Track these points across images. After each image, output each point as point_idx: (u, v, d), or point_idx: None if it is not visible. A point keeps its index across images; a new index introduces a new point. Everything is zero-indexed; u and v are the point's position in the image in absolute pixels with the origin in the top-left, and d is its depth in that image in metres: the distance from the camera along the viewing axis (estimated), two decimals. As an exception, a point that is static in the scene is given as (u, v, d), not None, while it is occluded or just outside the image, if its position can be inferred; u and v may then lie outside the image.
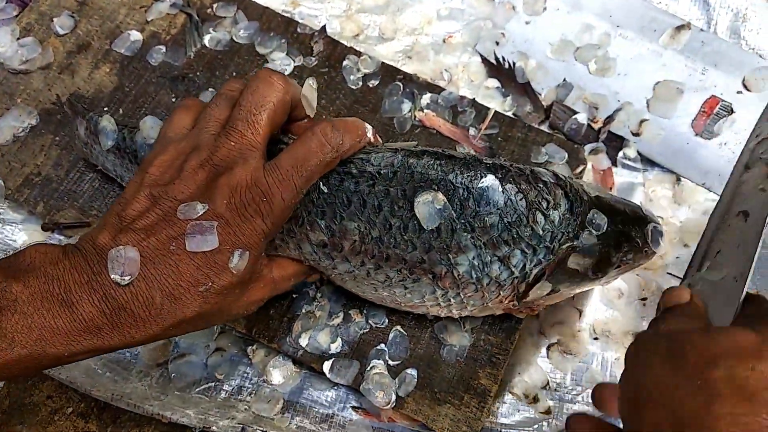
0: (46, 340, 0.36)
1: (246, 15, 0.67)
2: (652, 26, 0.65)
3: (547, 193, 0.46)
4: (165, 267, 0.38)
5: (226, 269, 0.40)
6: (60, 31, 0.66)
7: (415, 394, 0.53)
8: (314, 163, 0.43)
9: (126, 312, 0.37)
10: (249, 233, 0.41)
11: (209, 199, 0.40)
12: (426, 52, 0.68)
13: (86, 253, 0.39)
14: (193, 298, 0.39)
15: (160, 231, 0.39)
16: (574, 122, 0.63)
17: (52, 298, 0.36)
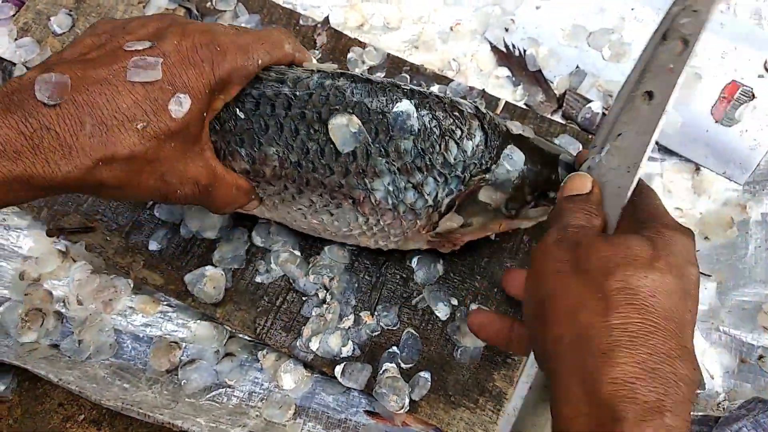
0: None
1: (246, 8, 0.65)
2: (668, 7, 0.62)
3: (462, 122, 0.46)
4: (99, 95, 0.36)
5: (166, 110, 0.38)
6: (58, 30, 0.64)
7: (428, 398, 0.52)
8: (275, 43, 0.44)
9: (50, 133, 0.35)
10: (193, 79, 0.39)
11: (160, 39, 0.39)
12: (433, 41, 0.66)
13: (8, 88, 0.36)
14: (128, 133, 0.37)
15: (100, 63, 0.37)
16: (588, 111, 0.61)
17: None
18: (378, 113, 0.45)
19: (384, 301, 0.54)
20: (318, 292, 0.54)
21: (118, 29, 0.40)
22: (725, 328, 0.52)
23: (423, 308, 0.54)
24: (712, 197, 0.59)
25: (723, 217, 0.58)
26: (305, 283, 0.55)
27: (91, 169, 0.36)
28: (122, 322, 0.55)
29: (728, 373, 0.52)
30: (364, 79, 0.46)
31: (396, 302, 0.54)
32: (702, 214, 0.59)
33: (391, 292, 0.55)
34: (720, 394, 0.50)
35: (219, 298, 0.54)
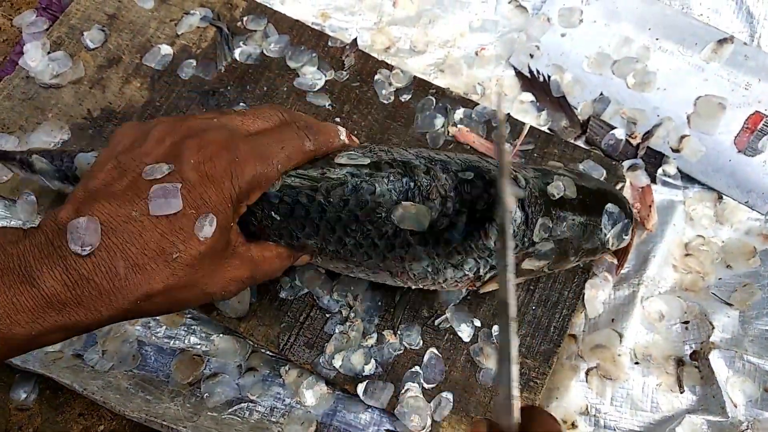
0: (11, 318, 0.35)
1: (276, 28, 0.66)
2: (693, 39, 0.63)
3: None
4: (128, 235, 0.37)
5: (193, 236, 0.38)
6: (90, 45, 0.65)
7: (450, 419, 0.52)
8: (296, 146, 0.43)
9: (89, 284, 0.36)
10: (215, 197, 0.39)
11: (176, 160, 0.39)
12: (458, 65, 0.67)
13: (47, 229, 0.37)
14: (160, 268, 0.37)
15: (123, 197, 0.38)
16: (612, 138, 0.62)
17: (13, 275, 0.35)
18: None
19: (407, 321, 0.55)
20: (341, 310, 0.55)
21: (136, 150, 0.40)
22: (748, 356, 0.52)
23: (446, 329, 0.54)
24: (734, 226, 0.60)
25: (745, 246, 0.58)
26: (329, 301, 0.55)
27: (134, 306, 0.37)
28: (146, 333, 0.56)
29: (751, 402, 0.51)
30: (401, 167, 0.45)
31: (419, 322, 0.54)
32: (724, 242, 0.59)
33: (415, 312, 0.55)
34: (743, 423, 0.50)
35: (243, 312, 0.54)
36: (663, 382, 0.54)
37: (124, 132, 0.42)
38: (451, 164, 0.46)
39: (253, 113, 0.44)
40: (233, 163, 0.40)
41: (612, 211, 0.50)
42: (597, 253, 0.52)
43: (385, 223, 0.44)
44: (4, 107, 0.62)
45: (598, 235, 0.50)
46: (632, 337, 0.55)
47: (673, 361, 0.54)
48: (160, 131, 0.41)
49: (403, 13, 0.70)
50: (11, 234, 0.37)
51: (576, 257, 0.50)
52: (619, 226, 0.51)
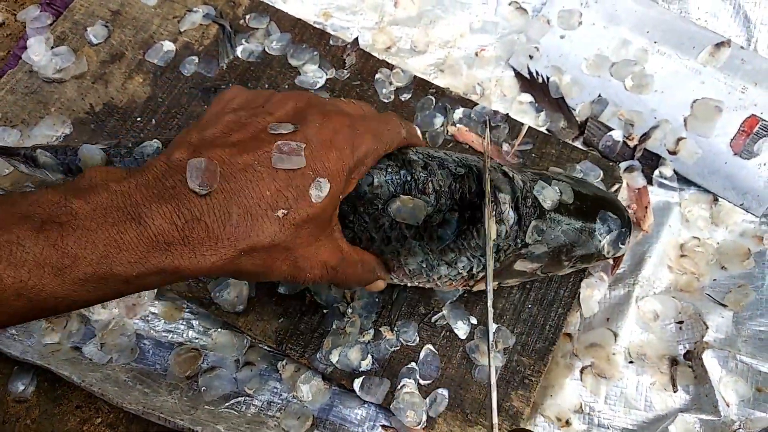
0: (113, 257, 0.33)
1: (278, 27, 0.67)
2: (690, 43, 0.64)
3: (495, 206, 0.46)
4: (246, 182, 0.36)
5: (306, 196, 0.38)
6: (94, 40, 0.66)
7: (446, 415, 0.52)
8: (397, 132, 0.45)
9: (200, 224, 0.35)
10: (334, 163, 0.39)
11: (302, 121, 0.39)
12: (458, 65, 0.68)
13: (157, 169, 0.36)
14: (270, 221, 0.36)
15: (245, 146, 0.37)
16: (609, 139, 0.62)
17: (118, 212, 0.34)
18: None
19: (404, 318, 0.55)
20: (339, 306, 0.55)
21: (258, 108, 0.40)
22: (741, 356, 0.53)
23: (442, 326, 0.55)
24: (729, 228, 0.60)
25: (740, 247, 0.59)
26: (327, 297, 0.55)
27: (235, 259, 0.36)
28: (144, 327, 0.56)
29: (743, 402, 0.52)
30: (399, 160, 0.46)
31: (416, 319, 0.55)
32: (719, 244, 0.60)
33: (412, 308, 0.55)
34: (735, 422, 0.51)
35: (241, 307, 0.54)
36: (657, 381, 0.54)
37: (235, 93, 0.43)
38: (448, 161, 0.47)
39: (356, 104, 0.45)
40: (353, 135, 0.40)
41: (608, 218, 0.50)
42: (591, 260, 0.52)
43: (381, 215, 0.45)
44: (7, 101, 0.63)
45: (593, 242, 0.50)
46: (627, 336, 0.56)
47: (667, 360, 0.55)
48: (281, 96, 0.41)
49: (404, 13, 0.70)
50: (114, 173, 0.36)
51: (570, 262, 0.51)
52: (615, 234, 0.51)
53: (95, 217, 0.33)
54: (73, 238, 0.32)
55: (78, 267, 0.32)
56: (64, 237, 0.32)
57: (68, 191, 0.34)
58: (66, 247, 0.32)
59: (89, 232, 0.33)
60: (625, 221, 0.51)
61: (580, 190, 0.51)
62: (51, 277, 0.32)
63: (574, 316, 0.57)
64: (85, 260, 0.33)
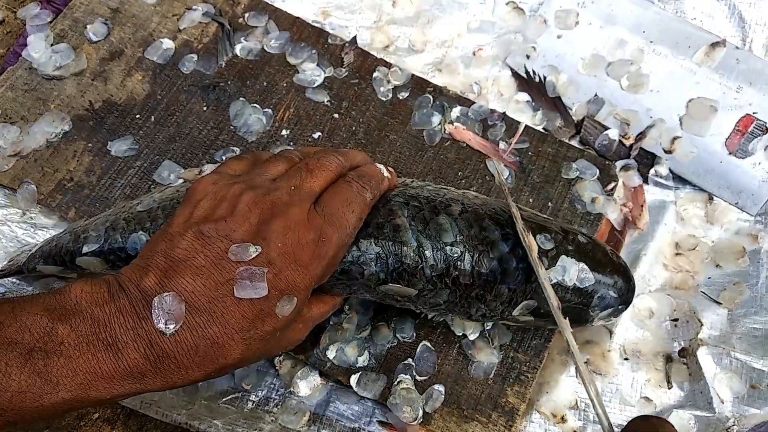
0: (90, 384, 0.36)
1: (277, 25, 0.67)
2: (686, 43, 0.65)
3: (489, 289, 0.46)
4: (210, 315, 0.37)
5: (272, 315, 0.39)
6: (93, 38, 0.66)
7: (442, 411, 0.52)
8: (361, 202, 0.44)
9: (170, 359, 0.37)
10: (300, 279, 0.40)
11: (263, 241, 0.39)
12: (456, 64, 0.68)
13: (131, 296, 0.38)
14: (237, 344, 0.38)
15: (208, 275, 0.38)
16: (605, 138, 0.63)
17: (98, 342, 0.36)
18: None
19: (400, 314, 0.55)
20: (336, 302, 0.56)
21: (221, 221, 0.40)
22: (736, 353, 0.53)
23: (438, 322, 0.55)
24: (724, 227, 0.61)
25: (735, 246, 0.59)
26: (324, 293, 0.56)
27: (203, 376, 0.38)
28: (143, 322, 0.56)
29: (738, 398, 0.52)
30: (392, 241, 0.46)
31: (413, 315, 0.55)
32: (714, 242, 0.60)
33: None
34: (729, 419, 0.51)
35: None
36: (652, 377, 0.55)
37: (203, 191, 0.43)
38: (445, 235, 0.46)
39: (316, 167, 0.44)
40: (318, 244, 0.40)
41: (608, 296, 0.48)
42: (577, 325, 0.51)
43: (374, 290, 0.47)
44: (6, 98, 0.63)
45: (585, 316, 0.49)
46: (622, 333, 0.56)
47: (662, 357, 0.55)
48: (245, 204, 0.40)
49: (402, 12, 0.71)
50: (97, 293, 0.38)
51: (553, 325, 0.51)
52: (610, 311, 0.49)
53: (79, 346, 0.36)
54: (58, 366, 0.35)
55: (57, 393, 0.35)
56: (48, 365, 0.35)
57: (54, 315, 0.36)
58: (49, 375, 0.35)
59: (71, 360, 0.35)
60: (624, 297, 0.49)
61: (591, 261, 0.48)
62: (31, 401, 0.35)
63: (570, 314, 0.57)
64: (65, 387, 0.35)
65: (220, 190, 0.42)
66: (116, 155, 0.61)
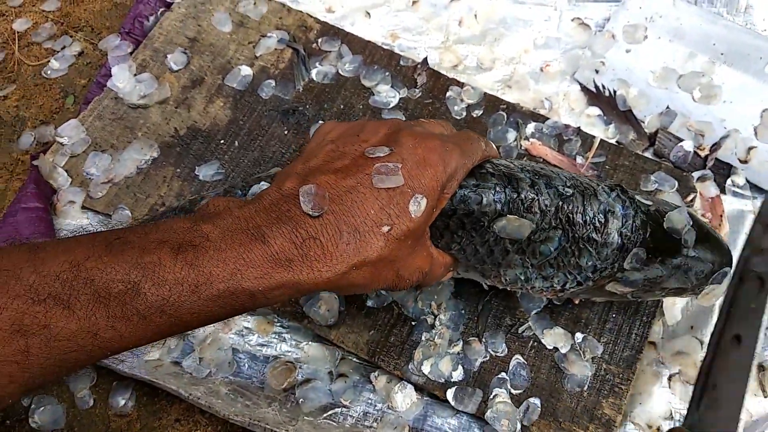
0: (242, 273, 0.36)
1: (350, 49, 0.69)
2: (757, 54, 0.65)
3: (600, 230, 0.47)
4: (351, 203, 0.39)
5: (406, 212, 0.41)
6: (174, 67, 0.68)
7: (539, 423, 0.53)
8: (478, 147, 0.47)
9: (315, 243, 0.38)
10: (429, 180, 0.42)
11: (395, 144, 0.42)
12: (525, 80, 0.69)
13: (271, 197, 0.40)
14: (376, 237, 0.40)
15: (347, 171, 0.41)
16: (680, 150, 0.64)
17: (243, 233, 0.37)
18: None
19: (491, 329, 0.56)
20: (427, 318, 0.57)
21: (353, 137, 0.44)
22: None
23: (530, 336, 0.56)
24: (804, 234, 0.61)
25: (817, 253, 0.59)
26: (414, 309, 0.57)
27: (347, 273, 0.39)
28: (239, 341, 0.58)
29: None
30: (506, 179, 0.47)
31: (503, 330, 0.56)
32: (796, 250, 0.61)
33: (498, 320, 0.57)
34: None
35: (333, 320, 0.56)
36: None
37: (331, 126, 0.46)
38: (556, 180, 0.48)
39: (437, 123, 0.48)
40: (444, 152, 0.43)
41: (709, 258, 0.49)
42: (685, 294, 0.51)
43: (487, 231, 0.47)
44: (95, 127, 0.66)
45: (689, 278, 0.49)
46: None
47: (755, 366, 0.56)
48: (373, 124, 0.44)
49: (469, 32, 0.72)
50: (235, 201, 0.40)
51: (662, 292, 0.50)
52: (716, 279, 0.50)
53: (224, 238, 0.37)
54: (207, 257, 0.36)
55: (212, 284, 0.36)
56: (198, 257, 0.36)
57: (196, 219, 0.38)
58: (201, 266, 0.36)
59: (220, 252, 0.36)
60: (725, 260, 0.50)
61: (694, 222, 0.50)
62: (189, 294, 0.36)
63: (657, 325, 0.58)
64: (218, 277, 0.36)
65: (343, 123, 0.46)
66: (204, 179, 0.63)
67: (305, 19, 0.71)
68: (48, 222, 0.60)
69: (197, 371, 0.56)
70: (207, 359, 0.57)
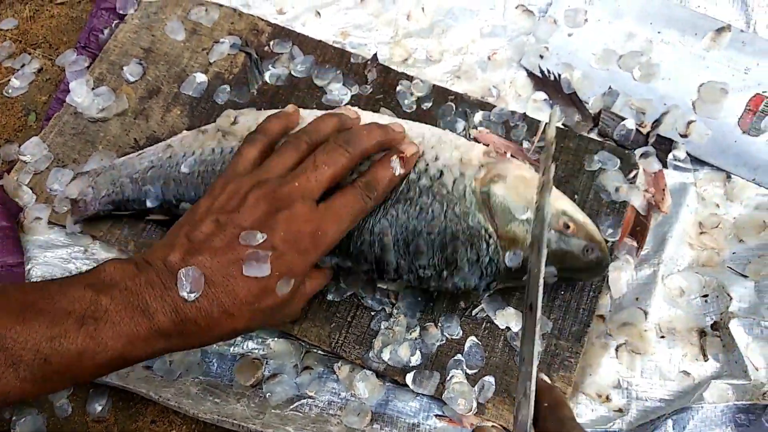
0: (132, 344, 0.43)
1: (301, 50, 0.71)
2: (692, 30, 0.68)
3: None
4: (223, 288, 0.45)
5: (273, 293, 0.46)
6: (130, 78, 0.70)
7: (494, 400, 0.56)
8: (360, 208, 0.51)
9: (191, 323, 0.44)
10: (298, 264, 0.48)
11: (268, 229, 0.47)
12: (473, 70, 0.71)
13: (158, 269, 0.45)
14: (244, 314, 0.46)
15: (223, 254, 0.46)
16: (623, 128, 0.66)
17: (134, 309, 0.43)
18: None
19: (446, 313, 0.59)
20: (385, 308, 0.59)
21: (234, 213, 0.47)
22: (765, 323, 0.56)
23: (483, 318, 0.59)
24: (744, 203, 0.64)
25: (755, 220, 0.62)
26: (372, 300, 0.60)
27: (217, 339, 0.47)
28: (207, 342, 0.61)
29: (772, 365, 0.56)
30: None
31: (458, 314, 0.59)
32: (735, 218, 0.63)
33: (452, 304, 0.59)
34: (765, 385, 0.54)
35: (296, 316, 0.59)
36: (688, 352, 0.58)
37: (222, 186, 0.50)
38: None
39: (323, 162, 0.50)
40: (316, 236, 0.48)
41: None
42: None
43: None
44: (57, 143, 0.67)
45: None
46: (656, 313, 0.59)
47: (696, 332, 0.59)
48: (254, 198, 0.48)
49: (417, 25, 0.74)
50: (126, 269, 0.45)
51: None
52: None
53: (119, 312, 0.43)
54: (105, 330, 0.42)
55: (107, 352, 0.43)
56: (98, 330, 0.42)
57: (96, 289, 0.44)
58: (100, 338, 0.42)
59: (115, 326, 0.43)
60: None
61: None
62: (87, 361, 0.42)
63: (605, 298, 0.61)
64: (113, 348, 0.43)
65: (235, 185, 0.50)
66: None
67: (256, 22, 0.73)
68: (15, 239, 0.62)
69: (168, 373, 0.59)
70: (177, 361, 0.59)
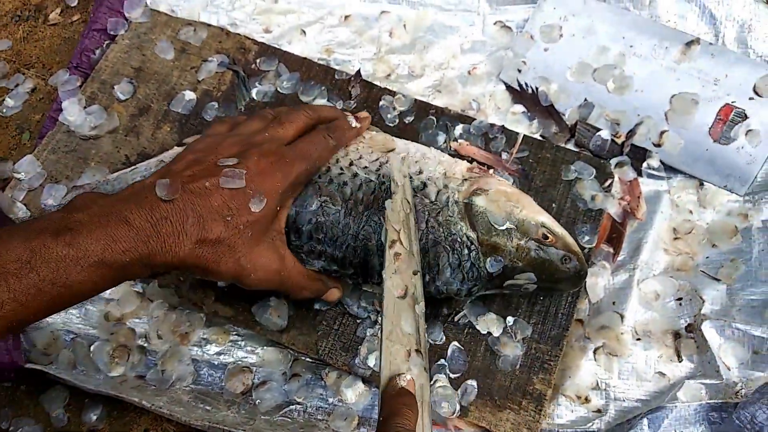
0: (111, 248, 0.44)
1: (287, 67, 0.73)
2: (663, 44, 0.70)
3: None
4: (198, 195, 0.48)
5: (246, 207, 0.49)
6: (121, 96, 0.72)
7: (477, 403, 0.58)
8: (324, 145, 0.56)
9: (167, 222, 0.46)
10: (269, 185, 0.51)
11: (242, 157, 0.51)
12: (453, 84, 0.74)
13: (135, 188, 0.49)
14: (217, 223, 0.48)
15: (201, 174, 0.49)
16: (598, 139, 0.68)
17: (110, 216, 0.45)
18: None
19: (429, 320, 0.61)
20: (370, 315, 0.61)
21: (212, 150, 0.53)
22: (737, 324, 0.58)
23: (465, 323, 0.61)
24: (716, 209, 0.66)
25: (728, 225, 0.64)
26: (358, 308, 0.61)
27: (192, 250, 0.48)
28: (198, 351, 0.62)
29: (743, 365, 0.58)
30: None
31: (441, 320, 0.61)
32: (708, 224, 0.66)
33: (435, 311, 0.61)
34: (737, 384, 0.56)
35: (284, 324, 0.60)
36: (663, 354, 0.60)
37: (202, 139, 0.56)
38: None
39: (286, 119, 0.57)
40: (283, 164, 0.52)
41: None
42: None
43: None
44: (50, 160, 0.69)
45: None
46: (632, 316, 0.62)
47: (671, 334, 0.61)
48: (230, 142, 0.53)
49: (399, 42, 0.77)
50: (98, 194, 0.48)
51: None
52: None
53: (93, 221, 0.45)
54: (81, 237, 0.44)
55: (89, 257, 0.44)
56: (75, 238, 0.43)
57: (68, 209, 0.46)
58: (78, 245, 0.43)
59: (92, 232, 0.44)
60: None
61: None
62: (72, 266, 0.43)
63: (583, 303, 0.63)
64: (93, 252, 0.44)
65: (212, 138, 0.55)
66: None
67: (243, 41, 0.75)
68: (10, 255, 0.64)
69: (161, 382, 0.60)
70: (169, 370, 0.61)
